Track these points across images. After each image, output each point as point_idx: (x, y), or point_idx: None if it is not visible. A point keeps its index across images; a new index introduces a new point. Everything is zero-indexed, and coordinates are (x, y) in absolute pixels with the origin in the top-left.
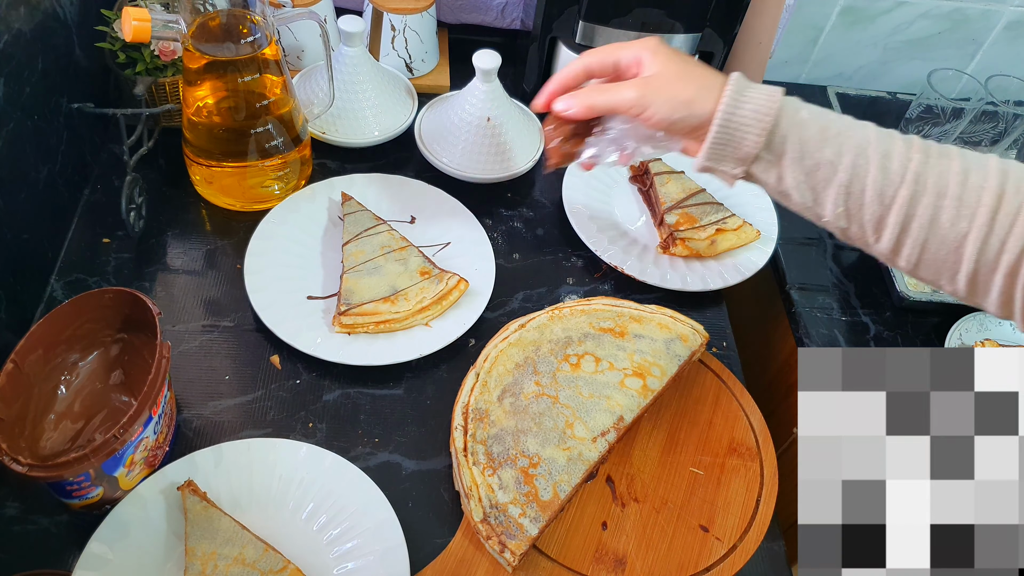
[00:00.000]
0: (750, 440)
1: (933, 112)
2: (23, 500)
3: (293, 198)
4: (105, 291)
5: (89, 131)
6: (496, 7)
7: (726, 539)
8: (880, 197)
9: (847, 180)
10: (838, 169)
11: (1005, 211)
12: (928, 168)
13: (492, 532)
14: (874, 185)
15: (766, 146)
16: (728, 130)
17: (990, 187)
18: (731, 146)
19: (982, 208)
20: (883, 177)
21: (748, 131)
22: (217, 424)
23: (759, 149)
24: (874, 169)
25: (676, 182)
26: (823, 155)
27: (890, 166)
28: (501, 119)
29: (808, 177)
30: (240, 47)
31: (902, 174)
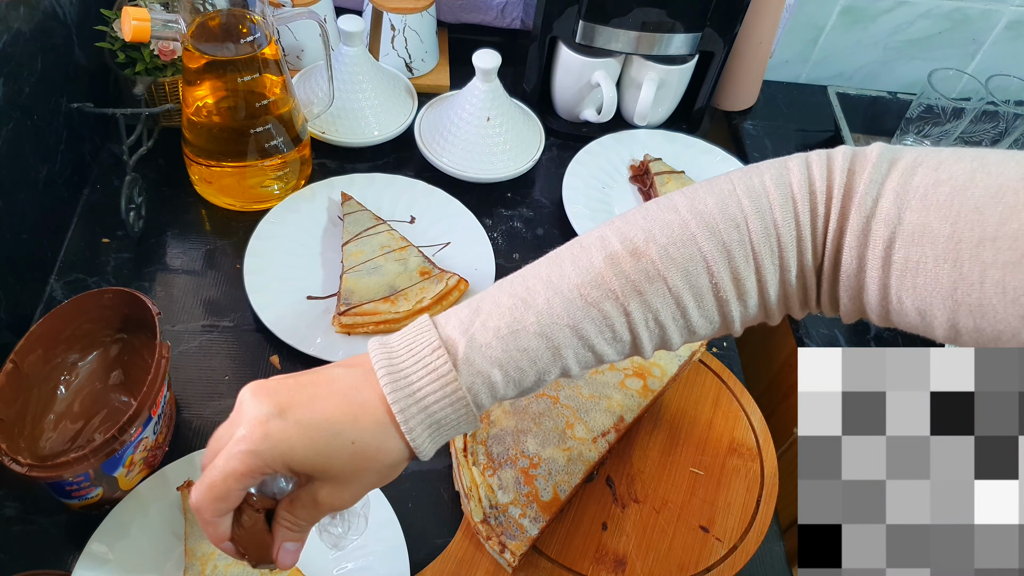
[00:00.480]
0: (750, 440)
1: (933, 112)
2: (23, 500)
3: (293, 198)
4: (105, 291)
5: (89, 131)
6: (496, 7)
7: (726, 539)
8: (624, 355)
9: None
10: (570, 372)
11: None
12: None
13: (492, 532)
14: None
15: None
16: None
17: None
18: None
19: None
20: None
21: (459, 428)
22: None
23: (477, 424)
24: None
25: (676, 182)
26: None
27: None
28: (501, 119)
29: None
30: (240, 47)
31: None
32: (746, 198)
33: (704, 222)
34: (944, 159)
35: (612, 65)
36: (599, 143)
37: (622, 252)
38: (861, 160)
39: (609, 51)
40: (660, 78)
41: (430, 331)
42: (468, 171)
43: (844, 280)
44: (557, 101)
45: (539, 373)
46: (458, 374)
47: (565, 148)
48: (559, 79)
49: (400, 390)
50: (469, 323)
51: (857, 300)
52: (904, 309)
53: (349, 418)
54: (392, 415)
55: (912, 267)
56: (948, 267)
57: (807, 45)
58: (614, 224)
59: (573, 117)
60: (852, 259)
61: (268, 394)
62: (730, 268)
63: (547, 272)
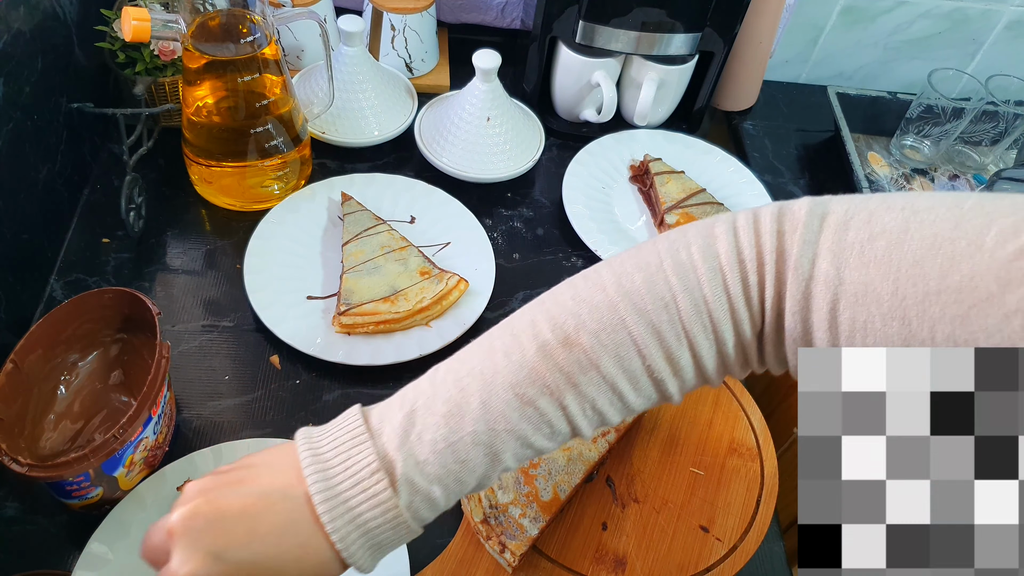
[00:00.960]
0: (750, 440)
1: (933, 112)
2: (23, 500)
3: (293, 198)
4: (105, 291)
5: (89, 131)
6: (496, 7)
7: (726, 539)
8: (563, 443)
9: (521, 462)
10: (509, 469)
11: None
12: (587, 397)
13: (492, 532)
14: (553, 444)
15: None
16: (368, 552)
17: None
18: (382, 551)
19: (662, 383)
20: (555, 438)
21: (403, 540)
22: (217, 424)
23: (408, 530)
24: (544, 443)
25: (676, 182)
26: (487, 482)
27: (554, 429)
28: (501, 119)
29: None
30: (240, 47)
31: (569, 422)
32: (673, 275)
33: (632, 304)
34: (874, 210)
35: (612, 65)
36: (599, 143)
37: (553, 342)
38: (790, 219)
39: (609, 51)
40: (660, 78)
41: (366, 447)
42: (468, 171)
43: (790, 344)
44: (557, 101)
45: (479, 479)
46: (398, 497)
47: (565, 148)
48: (559, 79)
49: (343, 526)
50: (404, 436)
51: None
52: None
53: (292, 559)
54: (334, 545)
55: (860, 328)
56: (897, 325)
57: (807, 45)
58: (544, 305)
59: (573, 117)
60: (796, 323)
61: (202, 532)
62: (663, 349)
63: (480, 367)
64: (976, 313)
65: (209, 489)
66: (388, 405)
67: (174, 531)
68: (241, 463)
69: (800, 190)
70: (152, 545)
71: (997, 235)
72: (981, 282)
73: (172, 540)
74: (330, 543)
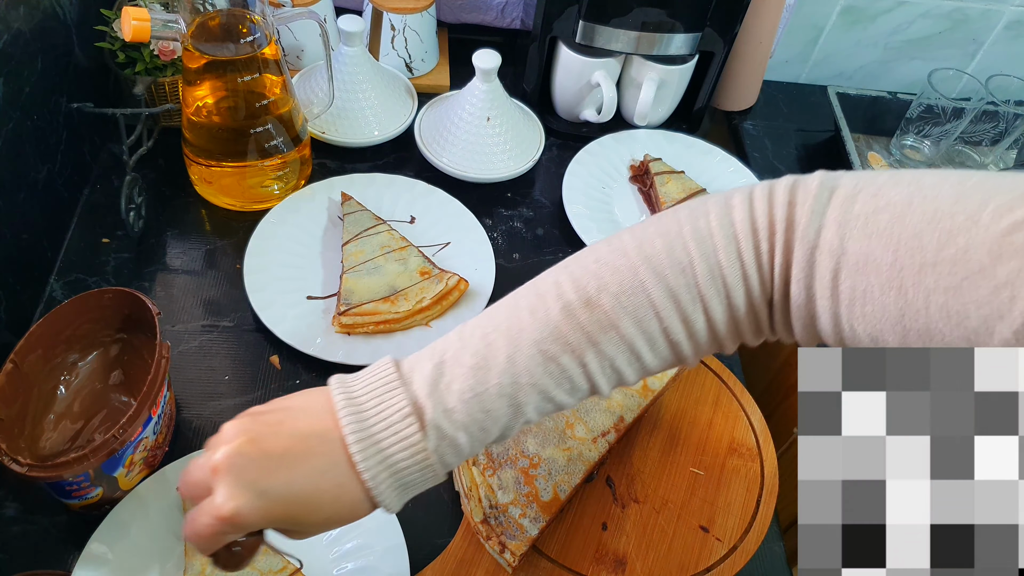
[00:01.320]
0: (750, 440)
1: (934, 112)
2: (23, 500)
3: (293, 198)
4: (105, 291)
5: (89, 131)
6: (496, 7)
7: (726, 539)
8: (583, 399)
9: (541, 414)
10: (530, 421)
11: (697, 328)
12: (606, 355)
13: (492, 532)
14: (574, 400)
15: (439, 470)
16: (397, 491)
17: (670, 324)
18: (410, 493)
19: (678, 345)
20: (575, 394)
21: (427, 484)
22: (217, 424)
23: (433, 475)
24: (565, 398)
25: (676, 182)
26: (510, 431)
27: (574, 385)
28: (501, 119)
29: (502, 435)
30: (240, 47)
31: (589, 379)
32: (692, 240)
33: (652, 268)
34: (883, 184)
35: (612, 65)
36: (599, 143)
37: (576, 302)
38: (803, 191)
39: (609, 51)
40: (660, 78)
41: (399, 392)
42: (468, 171)
43: (795, 310)
44: (557, 101)
45: (503, 429)
46: (427, 441)
47: (565, 148)
48: (559, 79)
49: (374, 466)
50: (434, 384)
51: (811, 328)
52: (857, 336)
53: (329, 498)
54: (365, 484)
55: (860, 296)
56: (894, 294)
57: (807, 45)
58: (568, 268)
59: (573, 117)
60: (801, 290)
61: (246, 470)
62: (679, 312)
63: (507, 323)
64: (968, 284)
65: (250, 430)
66: (418, 356)
67: (219, 468)
68: (276, 405)
69: None
70: (193, 480)
71: (994, 210)
72: (975, 255)
73: (216, 476)
74: (361, 482)
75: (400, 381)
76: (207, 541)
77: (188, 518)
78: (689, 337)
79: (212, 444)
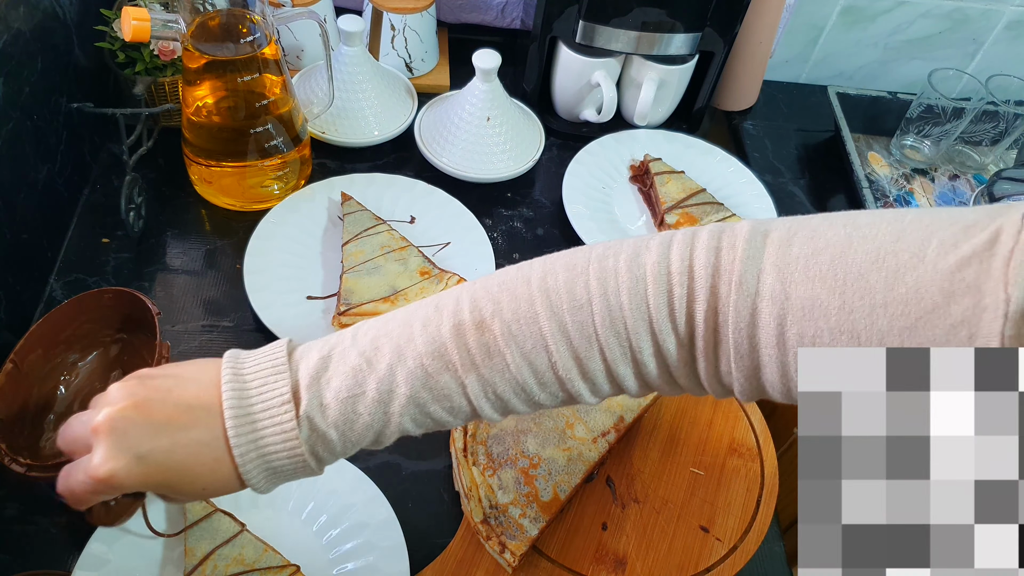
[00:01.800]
0: (751, 440)
1: (934, 112)
2: (23, 500)
3: (293, 198)
4: (104, 291)
5: (88, 131)
6: (496, 6)
7: (726, 540)
8: (467, 421)
9: (424, 428)
10: (410, 433)
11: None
12: (489, 381)
13: (492, 533)
14: (456, 421)
15: (312, 460)
16: (263, 475)
17: (559, 360)
18: (278, 480)
19: (568, 383)
20: (456, 415)
21: (301, 475)
22: None
23: (310, 465)
24: (444, 416)
25: (676, 182)
26: (384, 439)
27: (453, 405)
28: (501, 119)
29: (376, 441)
30: (239, 47)
31: (470, 402)
32: (595, 279)
33: (549, 301)
34: (817, 226)
35: (612, 65)
36: (599, 143)
37: (468, 323)
38: (729, 237)
39: (609, 51)
40: (660, 78)
41: (283, 378)
42: (468, 171)
43: (737, 361)
44: (557, 101)
45: (376, 435)
46: (298, 430)
47: (565, 148)
48: (559, 79)
49: (245, 445)
50: (316, 377)
51: (754, 379)
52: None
53: (206, 470)
54: (234, 460)
55: (808, 343)
56: (846, 339)
57: (807, 45)
58: (475, 286)
59: (573, 117)
60: (743, 340)
61: (128, 435)
62: (571, 350)
63: (398, 332)
64: (923, 324)
65: (137, 394)
66: (311, 345)
67: (100, 429)
68: (168, 371)
69: (800, 190)
70: (72, 436)
71: (938, 246)
72: (926, 293)
73: (96, 436)
74: (232, 460)
75: (287, 366)
76: (80, 498)
77: (63, 472)
78: (583, 377)
79: (97, 403)
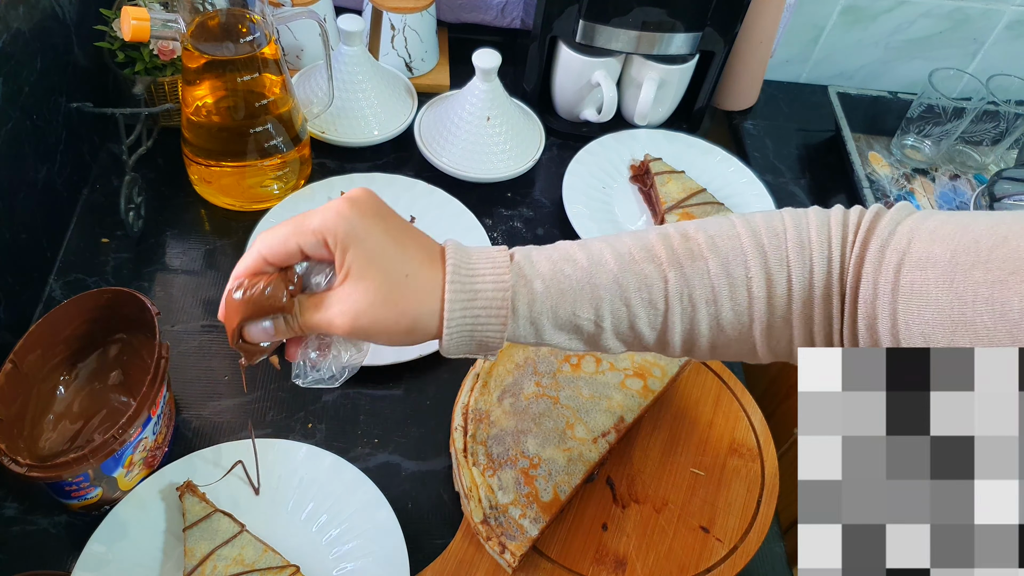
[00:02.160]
0: (751, 440)
1: (934, 112)
2: (22, 500)
3: (292, 198)
4: (104, 291)
5: (88, 131)
6: (496, 6)
7: (727, 540)
8: (656, 330)
9: (615, 326)
10: (602, 323)
11: (777, 292)
12: (688, 281)
13: (492, 533)
14: (646, 321)
15: (512, 333)
16: (462, 339)
17: (755, 275)
18: (472, 346)
19: (755, 302)
20: (650, 312)
21: (487, 330)
22: (216, 424)
23: (503, 339)
24: (639, 309)
25: (677, 181)
26: (580, 318)
27: (651, 297)
28: (501, 118)
29: (571, 338)
30: (239, 46)
31: (666, 299)
32: (789, 218)
33: (750, 228)
34: (957, 214)
35: (612, 65)
36: (599, 143)
37: (674, 234)
38: (883, 211)
39: (609, 51)
40: (660, 78)
41: (504, 250)
42: (468, 171)
43: (861, 308)
44: (557, 101)
45: (573, 305)
46: (509, 267)
47: (565, 148)
48: (559, 79)
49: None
50: (531, 249)
51: (872, 330)
52: (912, 336)
53: (416, 261)
54: (444, 291)
55: (917, 291)
56: (945, 288)
57: (807, 45)
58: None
59: (573, 117)
60: (868, 285)
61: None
62: (764, 268)
63: (606, 237)
64: (1013, 279)
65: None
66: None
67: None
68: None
69: (801, 190)
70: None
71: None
72: (1021, 255)
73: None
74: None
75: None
76: (272, 236)
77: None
78: (768, 298)
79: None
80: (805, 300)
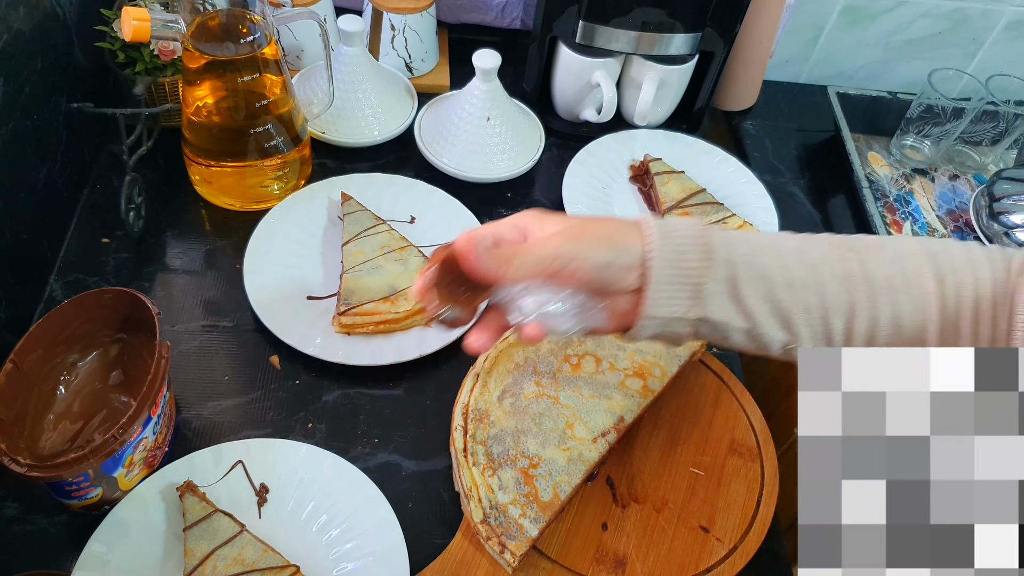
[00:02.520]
0: (751, 440)
1: (934, 112)
2: (22, 500)
3: (292, 198)
4: (104, 291)
5: (88, 131)
6: (496, 6)
7: (727, 540)
8: (843, 312)
9: (806, 299)
10: (794, 285)
11: (950, 294)
12: (871, 266)
13: (492, 533)
14: (835, 298)
15: (713, 272)
16: (667, 259)
17: (927, 272)
18: (676, 280)
19: (929, 296)
20: (842, 287)
21: (688, 255)
22: (216, 424)
23: (707, 273)
24: (829, 281)
25: (676, 182)
26: (775, 273)
27: (837, 272)
28: (501, 119)
29: (771, 301)
30: (239, 47)
31: (850, 279)
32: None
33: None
34: None
35: (612, 65)
36: (599, 143)
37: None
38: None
39: (609, 51)
40: (660, 78)
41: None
42: (468, 171)
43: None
44: (557, 101)
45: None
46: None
47: (565, 148)
48: (559, 79)
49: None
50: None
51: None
52: None
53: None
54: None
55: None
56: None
57: (807, 45)
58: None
59: (573, 117)
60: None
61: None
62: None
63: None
64: None
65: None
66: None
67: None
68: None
69: (800, 190)
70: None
71: None
72: None
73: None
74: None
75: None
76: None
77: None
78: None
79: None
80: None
